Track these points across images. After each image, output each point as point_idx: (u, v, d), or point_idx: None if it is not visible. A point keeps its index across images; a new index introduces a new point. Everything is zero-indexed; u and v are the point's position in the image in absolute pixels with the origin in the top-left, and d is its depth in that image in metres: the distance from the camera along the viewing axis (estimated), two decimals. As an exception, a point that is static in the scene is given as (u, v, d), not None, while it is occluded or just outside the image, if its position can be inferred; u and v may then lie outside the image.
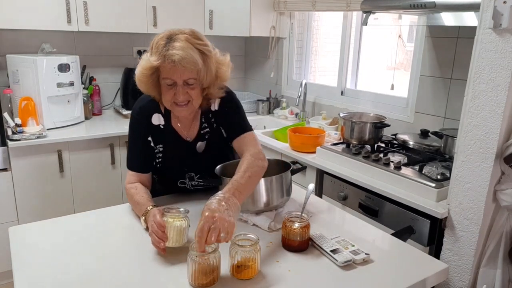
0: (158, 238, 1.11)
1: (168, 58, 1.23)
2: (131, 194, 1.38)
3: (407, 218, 1.68)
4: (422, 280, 1.08)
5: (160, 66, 1.27)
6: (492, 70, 1.36)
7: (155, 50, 1.28)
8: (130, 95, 2.96)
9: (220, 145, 1.51)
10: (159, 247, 1.11)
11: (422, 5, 1.73)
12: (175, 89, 1.30)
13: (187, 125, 1.47)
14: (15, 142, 2.27)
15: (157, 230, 1.12)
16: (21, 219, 2.40)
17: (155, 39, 1.31)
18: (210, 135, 1.49)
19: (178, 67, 1.24)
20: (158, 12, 2.83)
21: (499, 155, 1.41)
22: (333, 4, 2.63)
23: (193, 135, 1.47)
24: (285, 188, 1.37)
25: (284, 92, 3.29)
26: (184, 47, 1.24)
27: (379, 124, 2.08)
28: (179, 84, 1.29)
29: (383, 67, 2.73)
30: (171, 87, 1.30)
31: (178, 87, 1.29)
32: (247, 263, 1.03)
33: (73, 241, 1.22)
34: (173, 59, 1.23)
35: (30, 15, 2.43)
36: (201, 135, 1.47)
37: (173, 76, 1.28)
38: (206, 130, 1.48)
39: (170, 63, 1.24)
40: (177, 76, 1.28)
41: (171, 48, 1.24)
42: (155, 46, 1.29)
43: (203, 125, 1.47)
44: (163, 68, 1.28)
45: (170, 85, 1.30)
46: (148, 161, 1.46)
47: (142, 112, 1.43)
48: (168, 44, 1.26)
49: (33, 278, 1.03)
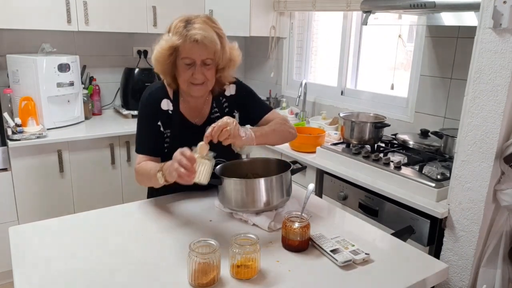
0: (187, 171, 1.15)
1: (189, 37, 1.31)
2: (141, 168, 1.42)
3: (407, 218, 1.68)
4: (422, 280, 1.08)
5: (180, 46, 1.34)
6: (492, 70, 1.36)
7: (175, 31, 1.34)
8: (130, 95, 2.96)
9: None
10: (187, 179, 1.16)
11: (422, 5, 1.73)
12: (193, 69, 1.37)
13: (197, 110, 1.51)
14: (15, 142, 2.27)
15: (186, 164, 1.15)
16: (21, 219, 2.40)
17: (172, 23, 1.39)
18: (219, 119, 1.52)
19: (200, 46, 1.32)
20: (158, 12, 2.83)
21: (499, 155, 1.41)
22: (333, 4, 2.63)
23: (203, 120, 1.52)
24: (285, 188, 1.37)
25: (284, 92, 3.29)
26: (204, 27, 1.34)
27: (379, 124, 2.08)
28: (197, 63, 1.36)
29: (383, 67, 2.73)
30: (189, 67, 1.37)
31: (196, 66, 1.36)
32: (247, 263, 1.03)
33: (73, 241, 1.22)
34: (195, 38, 1.31)
35: (30, 15, 2.43)
36: (211, 120, 1.51)
37: (193, 55, 1.34)
38: (217, 115, 1.53)
39: (192, 42, 1.32)
40: (197, 56, 1.35)
41: (192, 29, 1.32)
42: (174, 28, 1.36)
43: (214, 110, 1.53)
44: (183, 48, 1.34)
45: (188, 64, 1.36)
46: (157, 146, 1.49)
47: (152, 98, 1.48)
48: (188, 25, 1.34)
49: (33, 278, 1.03)
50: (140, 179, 1.45)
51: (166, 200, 1.51)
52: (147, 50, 3.19)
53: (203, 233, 1.26)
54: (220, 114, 1.53)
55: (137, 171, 1.45)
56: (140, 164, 1.45)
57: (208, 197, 1.52)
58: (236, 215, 1.37)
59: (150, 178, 1.36)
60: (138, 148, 1.50)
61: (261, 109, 1.58)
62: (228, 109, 1.56)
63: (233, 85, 1.56)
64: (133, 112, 2.92)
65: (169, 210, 1.43)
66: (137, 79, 2.94)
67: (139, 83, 2.94)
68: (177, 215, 1.39)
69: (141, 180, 1.45)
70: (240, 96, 1.57)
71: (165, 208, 1.45)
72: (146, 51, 3.18)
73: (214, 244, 1.01)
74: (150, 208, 1.45)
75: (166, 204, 1.48)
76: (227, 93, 1.55)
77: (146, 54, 3.19)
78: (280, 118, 1.55)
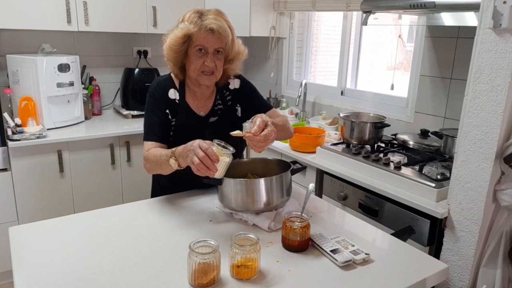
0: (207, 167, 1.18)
1: (205, 26, 1.39)
2: (151, 154, 1.42)
3: (407, 218, 1.68)
4: (422, 280, 1.08)
5: (194, 35, 1.40)
6: (492, 70, 1.36)
7: (190, 21, 1.41)
8: (130, 95, 2.96)
9: (229, 122, 1.58)
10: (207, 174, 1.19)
11: (422, 5, 1.74)
12: (204, 57, 1.43)
13: (202, 101, 1.56)
14: (15, 142, 2.27)
15: (209, 161, 1.17)
16: (21, 219, 2.40)
17: (185, 15, 1.45)
18: (222, 112, 1.58)
19: (214, 35, 1.39)
20: (158, 12, 2.83)
21: (499, 155, 1.41)
22: (333, 4, 2.63)
23: (207, 111, 1.56)
24: (285, 188, 1.37)
25: (284, 92, 3.29)
26: (218, 18, 1.42)
27: (379, 124, 2.08)
28: (210, 52, 1.42)
29: (383, 67, 2.73)
30: (201, 55, 1.42)
31: (208, 54, 1.42)
32: (247, 263, 1.03)
33: (73, 241, 1.22)
34: (211, 27, 1.38)
35: (30, 15, 2.43)
36: (214, 111, 1.57)
37: (206, 43, 1.41)
38: (220, 107, 1.58)
39: (207, 31, 1.39)
40: (210, 44, 1.41)
41: (207, 19, 1.40)
42: (188, 19, 1.42)
43: (217, 102, 1.58)
44: (198, 36, 1.40)
45: (201, 52, 1.42)
46: (166, 133, 1.51)
47: (160, 87, 1.52)
48: (202, 16, 1.41)
49: (33, 278, 1.03)
50: (150, 166, 1.45)
51: (166, 200, 1.51)
52: (147, 50, 3.19)
53: (203, 233, 1.26)
54: (223, 106, 1.58)
55: (147, 158, 1.45)
56: (149, 150, 1.45)
57: (208, 197, 1.52)
58: (236, 215, 1.37)
59: (161, 164, 1.37)
60: (146, 136, 1.50)
61: (264, 106, 1.63)
62: (231, 102, 1.60)
63: (237, 79, 1.62)
64: (133, 112, 2.93)
65: (169, 210, 1.43)
66: (137, 79, 2.94)
67: (139, 83, 2.94)
68: (177, 215, 1.39)
69: (150, 167, 1.45)
70: (244, 91, 1.62)
71: (165, 208, 1.45)
72: (146, 51, 3.18)
73: (214, 244, 1.01)
74: (150, 208, 1.45)
75: (166, 204, 1.48)
76: (231, 87, 1.61)
77: (146, 54, 3.19)
78: (283, 117, 1.63)
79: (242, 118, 1.61)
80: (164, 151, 1.38)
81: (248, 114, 1.58)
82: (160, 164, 1.38)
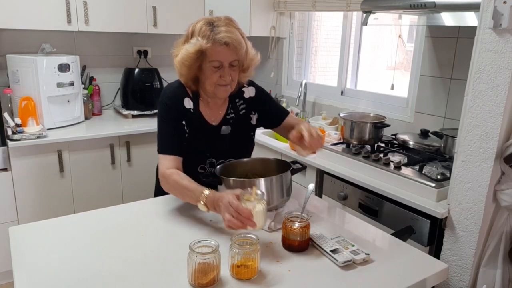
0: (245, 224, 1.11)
1: (218, 40, 1.33)
2: (175, 179, 1.34)
3: (407, 218, 1.68)
4: (422, 280, 1.08)
5: (208, 50, 1.34)
6: (492, 70, 1.36)
7: (203, 35, 1.34)
8: (130, 95, 2.96)
9: (242, 131, 1.57)
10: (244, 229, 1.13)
11: (422, 5, 1.73)
12: (220, 71, 1.38)
13: (216, 110, 1.52)
14: (15, 142, 2.27)
15: (242, 218, 1.11)
16: (21, 219, 2.40)
17: (195, 27, 1.39)
18: (234, 121, 1.54)
19: (229, 48, 1.34)
20: (158, 12, 2.82)
21: (499, 155, 1.41)
22: (333, 4, 2.63)
23: (218, 120, 1.52)
24: (285, 188, 1.37)
25: (284, 92, 3.29)
26: (230, 30, 1.36)
27: (379, 124, 2.08)
28: (225, 65, 1.37)
29: (383, 67, 2.73)
30: (217, 69, 1.38)
31: (224, 68, 1.38)
32: (247, 263, 1.03)
33: (73, 241, 1.22)
34: (225, 41, 1.33)
35: (30, 15, 2.43)
36: (226, 120, 1.53)
37: (222, 58, 1.36)
38: (232, 116, 1.54)
39: (222, 45, 1.33)
40: (225, 58, 1.36)
41: (219, 32, 1.34)
42: (199, 32, 1.36)
43: (229, 111, 1.54)
44: (212, 51, 1.34)
45: (216, 67, 1.37)
46: (182, 145, 1.46)
47: (175, 97, 1.47)
48: (214, 28, 1.35)
49: (33, 278, 1.03)
50: (168, 188, 1.38)
51: (166, 200, 1.51)
52: (147, 50, 3.19)
53: (203, 233, 1.26)
54: (235, 115, 1.55)
55: (168, 180, 1.37)
56: (171, 172, 1.37)
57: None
58: (236, 215, 1.37)
59: (184, 196, 1.33)
60: (162, 149, 1.43)
61: (282, 113, 1.61)
62: (244, 111, 1.56)
63: (252, 87, 1.58)
64: (133, 112, 2.92)
65: (169, 210, 1.43)
66: (137, 79, 2.94)
67: (139, 83, 2.94)
68: (177, 215, 1.39)
69: (169, 189, 1.39)
70: (260, 99, 1.59)
71: (165, 208, 1.45)
72: (146, 51, 3.18)
73: (214, 244, 1.01)
74: (150, 208, 1.45)
75: (166, 204, 1.48)
76: (246, 95, 1.57)
77: (146, 54, 3.19)
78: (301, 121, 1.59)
79: (256, 126, 1.60)
80: (190, 185, 1.30)
81: (264, 121, 1.61)
82: (182, 195, 1.34)
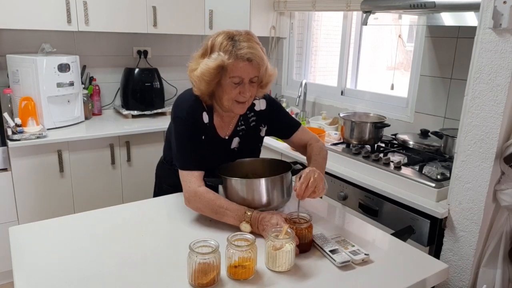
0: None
1: (241, 56, 1.30)
2: (210, 198, 1.31)
3: (407, 218, 1.68)
4: (422, 280, 1.08)
5: (229, 66, 1.31)
6: (492, 70, 1.36)
7: (224, 50, 1.31)
8: (130, 95, 2.96)
9: (250, 143, 1.56)
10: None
11: (422, 5, 1.73)
12: (240, 87, 1.34)
13: (227, 122, 1.50)
14: (15, 142, 2.27)
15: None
16: (21, 219, 2.40)
17: (215, 41, 1.34)
18: (244, 133, 1.53)
19: (251, 64, 1.31)
20: (158, 12, 2.82)
21: (499, 155, 1.41)
22: (333, 4, 2.63)
23: (229, 132, 1.51)
24: (286, 188, 1.37)
25: (284, 92, 3.29)
26: (252, 46, 1.32)
27: (379, 124, 2.08)
28: (246, 82, 1.34)
29: (383, 67, 2.73)
30: (237, 85, 1.34)
31: (244, 85, 1.34)
32: (244, 263, 1.03)
33: (73, 241, 1.22)
34: (248, 57, 1.30)
35: (30, 15, 2.43)
36: (236, 132, 1.52)
37: (242, 74, 1.32)
38: (242, 128, 1.53)
39: (244, 61, 1.30)
40: (246, 74, 1.33)
41: (242, 48, 1.30)
42: (220, 47, 1.31)
43: (240, 123, 1.52)
44: (233, 68, 1.31)
45: (236, 83, 1.34)
46: (203, 160, 1.41)
47: (194, 112, 1.42)
48: (236, 43, 1.31)
49: (33, 278, 1.03)
50: (200, 206, 1.33)
51: (166, 200, 1.51)
52: (147, 50, 3.19)
53: (203, 233, 1.26)
54: (246, 127, 1.53)
55: (200, 197, 1.32)
56: (204, 190, 1.33)
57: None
58: (236, 215, 1.37)
59: (221, 214, 1.29)
60: (187, 165, 1.37)
61: (293, 125, 1.59)
62: (254, 123, 1.55)
63: (263, 100, 1.55)
64: (133, 112, 2.92)
65: (169, 210, 1.43)
66: (137, 79, 2.94)
67: (139, 83, 2.94)
68: (177, 215, 1.39)
69: (201, 207, 1.33)
70: (271, 111, 1.56)
71: (165, 208, 1.45)
72: (146, 51, 3.18)
73: (214, 244, 1.01)
74: (150, 208, 1.45)
75: (166, 204, 1.48)
76: (257, 108, 1.54)
77: (146, 54, 3.19)
78: (315, 141, 1.59)
79: (264, 137, 1.59)
80: (230, 205, 1.29)
81: (274, 133, 1.61)
82: (219, 214, 1.30)
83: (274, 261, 1.07)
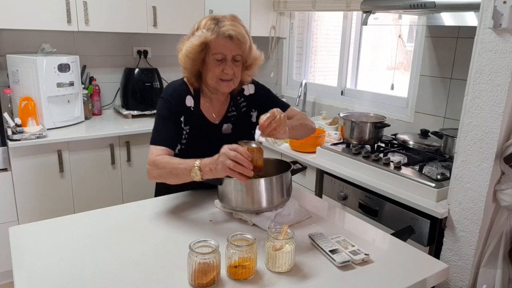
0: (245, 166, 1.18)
1: (223, 33, 1.37)
2: (164, 161, 1.35)
3: (407, 218, 1.68)
4: (422, 280, 1.08)
5: (212, 42, 1.37)
6: (492, 70, 1.36)
7: (207, 28, 1.38)
8: (130, 95, 2.96)
9: (243, 129, 1.58)
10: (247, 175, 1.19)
11: (422, 5, 1.74)
12: (223, 65, 1.41)
13: (217, 107, 1.54)
14: (15, 142, 2.27)
15: (243, 159, 1.18)
16: (21, 219, 2.40)
17: (200, 23, 1.42)
18: (235, 119, 1.56)
19: (232, 41, 1.37)
20: (158, 12, 2.83)
21: (499, 155, 1.41)
22: (333, 4, 2.63)
23: (220, 118, 1.54)
24: (285, 188, 1.37)
25: (284, 92, 3.29)
26: (235, 25, 1.40)
27: (379, 124, 2.08)
28: (228, 59, 1.40)
29: (383, 67, 2.74)
30: (220, 63, 1.40)
31: (227, 62, 1.40)
32: (244, 264, 1.03)
33: (73, 241, 1.22)
34: (229, 33, 1.36)
35: (30, 15, 2.43)
36: (227, 118, 1.55)
37: (225, 51, 1.39)
38: (233, 114, 1.56)
39: (225, 38, 1.37)
40: (229, 51, 1.39)
41: (224, 26, 1.37)
42: (204, 26, 1.40)
43: (231, 109, 1.56)
44: (216, 44, 1.38)
45: (219, 60, 1.40)
46: (175, 141, 1.48)
47: (177, 94, 1.49)
48: (219, 23, 1.39)
49: (33, 278, 1.03)
50: (158, 173, 1.36)
51: (166, 200, 1.51)
52: (147, 50, 3.19)
53: (203, 233, 1.26)
54: (237, 113, 1.57)
55: (157, 163, 1.36)
56: (161, 156, 1.38)
57: (208, 197, 1.52)
58: (236, 215, 1.37)
59: (177, 173, 1.31)
60: (156, 140, 1.43)
61: (281, 107, 1.60)
62: (245, 108, 1.59)
63: (251, 85, 1.61)
64: (133, 112, 2.93)
65: (169, 210, 1.43)
66: (137, 79, 2.94)
67: (139, 83, 2.94)
68: (177, 215, 1.39)
69: (159, 174, 1.36)
70: (259, 95, 1.61)
71: (165, 208, 1.45)
72: (146, 51, 3.19)
73: (214, 244, 1.01)
74: (150, 208, 1.45)
75: (166, 204, 1.48)
76: (246, 93, 1.59)
77: (146, 54, 3.19)
78: (301, 114, 1.64)
79: (256, 123, 1.59)
80: (182, 160, 1.31)
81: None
82: (175, 172, 1.32)
83: (274, 262, 1.07)
